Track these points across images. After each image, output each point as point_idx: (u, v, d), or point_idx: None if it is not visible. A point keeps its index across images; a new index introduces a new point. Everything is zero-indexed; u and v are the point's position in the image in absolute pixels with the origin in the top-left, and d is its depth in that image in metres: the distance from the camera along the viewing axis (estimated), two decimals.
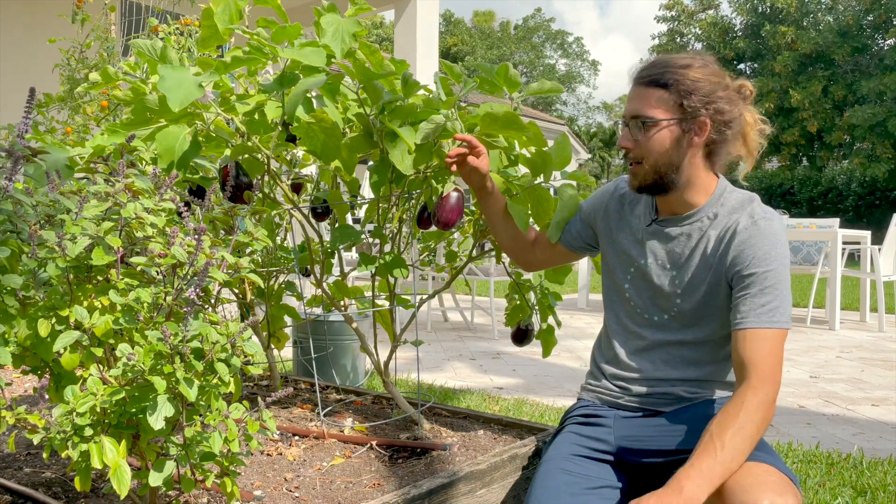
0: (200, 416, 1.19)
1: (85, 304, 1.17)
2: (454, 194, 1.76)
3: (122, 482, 1.09)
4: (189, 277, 1.17)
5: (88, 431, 1.09)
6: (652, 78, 1.45)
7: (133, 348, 1.11)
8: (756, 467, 1.27)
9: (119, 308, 1.14)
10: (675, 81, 1.43)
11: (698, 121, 1.44)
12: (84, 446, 1.09)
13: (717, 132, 1.46)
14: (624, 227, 1.63)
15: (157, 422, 1.08)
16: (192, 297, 1.12)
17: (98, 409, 1.11)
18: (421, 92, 1.78)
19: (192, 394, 1.09)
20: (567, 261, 1.84)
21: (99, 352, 1.13)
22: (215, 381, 1.16)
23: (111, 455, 1.08)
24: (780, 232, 1.44)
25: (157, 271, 1.17)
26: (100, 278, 1.23)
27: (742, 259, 1.43)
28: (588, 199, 1.75)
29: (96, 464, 1.08)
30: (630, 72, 1.52)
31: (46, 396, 1.11)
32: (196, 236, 1.17)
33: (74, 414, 1.08)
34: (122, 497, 1.11)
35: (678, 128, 1.45)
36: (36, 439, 1.10)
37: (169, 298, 1.17)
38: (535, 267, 1.88)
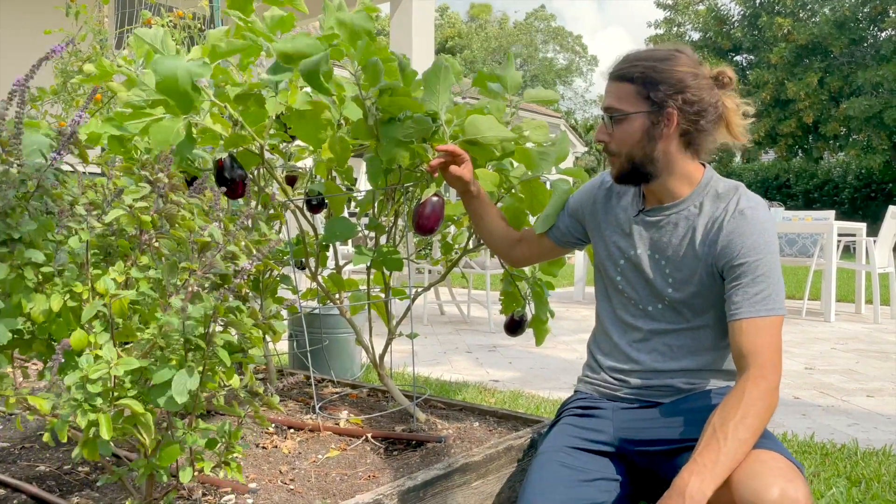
0: (212, 393, 1.20)
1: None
2: (433, 199, 1.74)
3: (149, 429, 1.13)
4: (221, 257, 1.19)
5: (98, 401, 1.09)
6: (620, 72, 1.48)
7: (149, 327, 1.12)
8: (764, 454, 1.27)
9: (142, 279, 1.16)
10: (641, 74, 1.45)
11: (666, 112, 1.45)
12: (93, 416, 1.09)
13: (689, 122, 1.46)
14: (611, 219, 1.63)
15: (181, 394, 1.08)
16: (247, 267, 1.14)
17: (110, 381, 1.10)
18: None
19: (227, 359, 1.12)
20: (555, 256, 1.84)
21: (119, 321, 1.14)
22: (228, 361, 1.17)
23: (138, 408, 1.09)
24: (766, 219, 1.45)
25: (189, 248, 1.19)
26: (119, 261, 1.24)
27: (731, 250, 1.43)
28: (575, 195, 1.75)
29: (104, 434, 1.08)
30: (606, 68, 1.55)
31: (60, 362, 1.12)
32: (239, 222, 1.20)
33: (86, 381, 1.08)
34: (148, 442, 1.12)
35: (647, 119, 1.46)
36: (48, 407, 1.09)
37: (193, 277, 1.18)
38: (523, 263, 1.89)
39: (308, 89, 1.64)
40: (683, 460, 1.38)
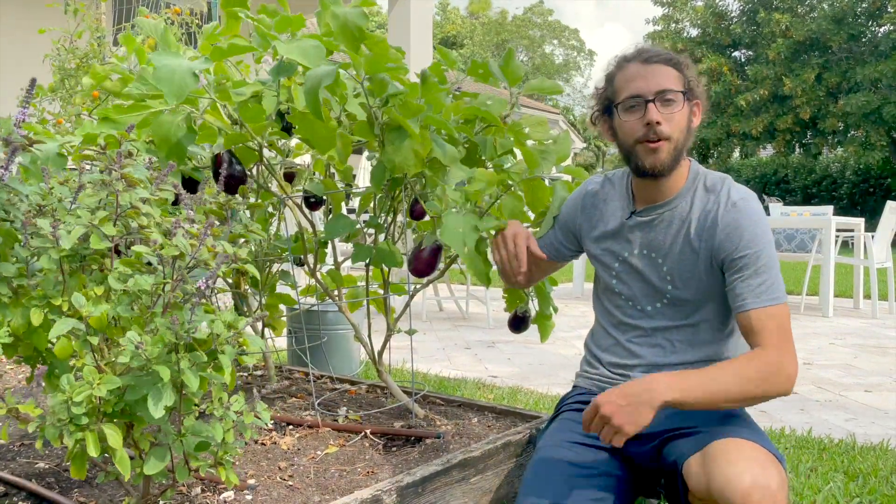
0: (197, 405, 1.20)
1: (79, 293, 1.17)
2: (429, 248, 1.76)
3: (125, 466, 1.11)
4: (190, 268, 1.17)
5: (84, 420, 1.10)
6: (664, 57, 1.49)
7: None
8: (742, 443, 1.29)
9: (116, 296, 1.15)
10: (680, 63, 1.49)
11: (698, 103, 1.51)
12: (79, 434, 1.10)
13: (703, 113, 1.54)
14: (601, 225, 1.64)
15: (157, 410, 1.08)
16: (202, 287, 1.13)
17: (94, 399, 1.11)
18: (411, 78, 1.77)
19: (194, 384, 1.10)
20: (555, 270, 1.83)
21: (95, 340, 1.14)
22: (215, 372, 1.16)
23: (113, 440, 1.09)
24: (759, 209, 1.47)
25: (157, 261, 1.17)
26: (94, 267, 1.24)
27: (730, 243, 1.45)
28: (562, 212, 1.75)
29: (91, 452, 1.09)
30: (625, 55, 1.54)
31: (42, 384, 1.12)
32: (204, 228, 1.18)
33: (70, 402, 1.09)
34: (126, 478, 1.12)
35: (689, 108, 1.49)
36: (31, 428, 1.10)
37: (168, 288, 1.17)
38: (528, 284, 1.86)
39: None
40: (674, 447, 1.40)
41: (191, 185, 1.74)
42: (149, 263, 1.20)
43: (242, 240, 1.91)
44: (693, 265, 1.50)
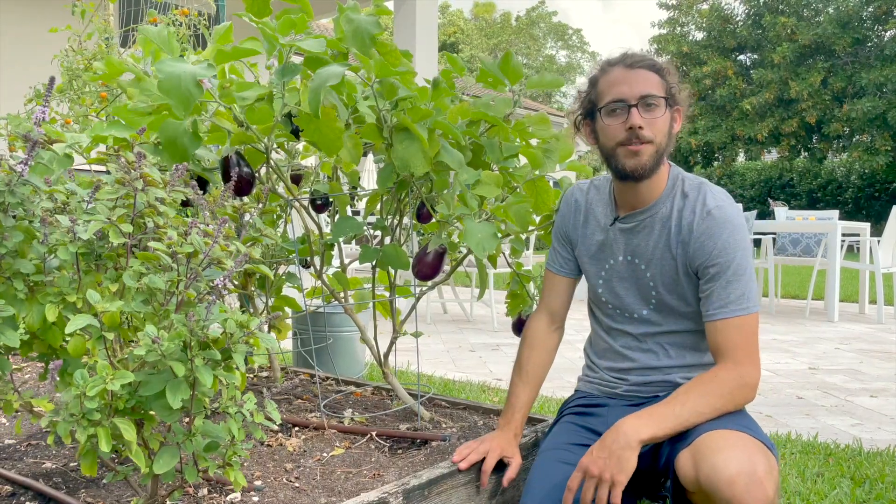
0: (206, 406, 1.20)
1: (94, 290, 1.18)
2: (434, 252, 1.77)
3: (141, 459, 1.12)
4: (203, 266, 1.18)
5: (97, 415, 1.10)
6: (648, 63, 1.49)
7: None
8: (730, 433, 1.30)
9: (130, 293, 1.16)
10: (663, 69, 1.49)
11: (679, 109, 1.52)
12: (92, 430, 1.10)
13: (683, 119, 1.54)
14: (588, 233, 1.64)
15: (175, 401, 1.09)
16: (218, 285, 1.14)
17: (107, 394, 1.11)
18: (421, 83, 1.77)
19: (208, 380, 1.10)
20: (576, 285, 1.80)
21: (110, 336, 1.14)
22: (226, 372, 1.17)
23: (128, 434, 1.10)
24: (734, 215, 1.47)
25: (171, 259, 1.18)
26: (109, 265, 1.24)
27: (703, 252, 1.45)
28: (555, 225, 1.74)
29: (104, 447, 1.09)
30: (609, 59, 1.54)
31: (57, 378, 1.12)
32: (217, 227, 1.18)
33: (83, 397, 1.09)
34: (144, 470, 1.13)
35: (670, 113, 1.49)
36: (43, 423, 1.10)
37: (181, 286, 1.18)
38: (566, 313, 1.81)
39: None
40: (666, 447, 1.40)
41: (201, 185, 1.75)
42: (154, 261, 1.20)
43: (250, 242, 1.91)
44: (674, 271, 1.51)
